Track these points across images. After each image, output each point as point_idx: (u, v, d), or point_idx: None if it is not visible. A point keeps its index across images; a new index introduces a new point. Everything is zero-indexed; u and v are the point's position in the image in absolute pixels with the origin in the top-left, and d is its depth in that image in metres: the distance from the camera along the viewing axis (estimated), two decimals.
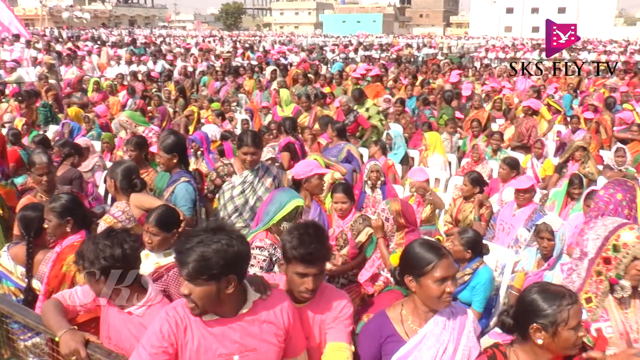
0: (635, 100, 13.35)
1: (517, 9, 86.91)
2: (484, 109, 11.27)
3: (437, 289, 2.63)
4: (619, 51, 33.30)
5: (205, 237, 2.39)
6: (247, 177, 5.17)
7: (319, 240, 2.76)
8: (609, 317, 2.89)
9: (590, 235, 2.95)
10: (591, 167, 7.58)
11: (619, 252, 2.84)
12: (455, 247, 4.61)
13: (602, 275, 2.89)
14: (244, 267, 2.52)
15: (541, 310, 2.38)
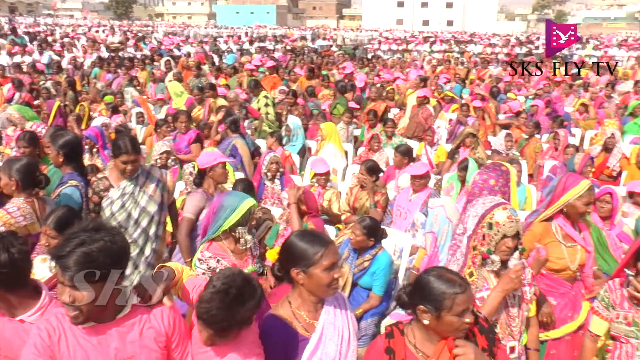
0: (516, 89, 14.14)
1: (408, 3, 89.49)
2: (381, 101, 11.54)
3: (327, 276, 2.63)
4: (502, 44, 35.06)
5: (86, 237, 2.23)
6: (125, 188, 4.60)
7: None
8: (489, 287, 3.11)
9: (471, 213, 3.15)
10: (481, 153, 7.95)
11: (492, 229, 3.04)
12: (357, 236, 4.69)
13: (476, 250, 3.10)
14: (126, 266, 2.40)
15: (429, 294, 2.47)
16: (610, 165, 7.82)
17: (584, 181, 3.99)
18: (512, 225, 3.04)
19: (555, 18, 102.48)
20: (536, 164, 8.59)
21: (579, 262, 4.01)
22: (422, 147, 8.78)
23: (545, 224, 4.10)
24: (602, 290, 3.52)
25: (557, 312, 4.03)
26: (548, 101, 11.90)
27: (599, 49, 31.21)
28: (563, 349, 4.03)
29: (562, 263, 4.00)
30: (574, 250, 4.00)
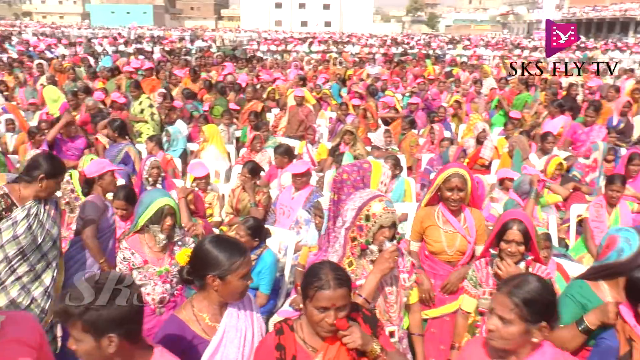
0: (394, 87, 14.61)
1: (286, 5, 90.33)
2: (260, 100, 11.51)
3: (242, 284, 2.66)
4: (379, 44, 36.21)
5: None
6: (31, 208, 3.98)
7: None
8: (366, 274, 3.20)
9: (349, 206, 3.22)
10: (360, 149, 8.14)
11: (369, 221, 3.13)
12: (242, 237, 4.66)
13: (356, 241, 3.18)
14: None
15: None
16: (483, 155, 8.27)
17: (450, 168, 4.20)
18: (388, 216, 3.12)
19: (429, 20, 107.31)
20: (414, 157, 8.93)
21: (458, 249, 4.21)
22: (303, 146, 8.86)
23: (428, 209, 4.34)
24: (470, 270, 3.76)
25: (437, 292, 4.25)
26: (426, 98, 12.44)
27: (468, 49, 33.01)
28: (443, 328, 4.21)
29: (438, 246, 4.23)
30: (452, 237, 4.20)
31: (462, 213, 4.26)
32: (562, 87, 13.50)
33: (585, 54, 30.29)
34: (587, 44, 39.25)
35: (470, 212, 4.29)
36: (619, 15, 63.08)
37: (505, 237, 3.58)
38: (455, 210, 4.22)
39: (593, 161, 7.59)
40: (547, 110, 10.29)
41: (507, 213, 3.85)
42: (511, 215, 3.69)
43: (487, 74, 16.02)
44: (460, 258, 4.26)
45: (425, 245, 4.35)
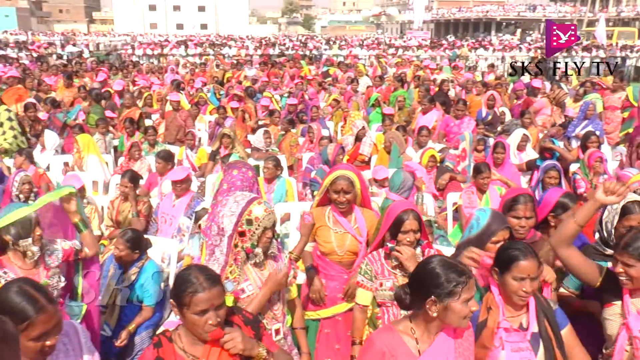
0: (272, 88, 14.66)
1: (160, 7, 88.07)
2: (136, 107, 11.16)
3: (34, 346, 2.41)
4: (256, 46, 36.21)
5: None
6: None
7: None
8: (248, 278, 3.22)
9: (225, 212, 3.18)
10: (240, 151, 8.10)
11: (252, 225, 3.14)
12: (122, 251, 4.50)
13: (238, 247, 3.17)
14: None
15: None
16: (363, 152, 8.48)
17: (336, 171, 4.27)
18: (270, 217, 3.17)
19: (304, 21, 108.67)
20: (294, 157, 9.01)
21: (348, 249, 4.27)
22: (182, 151, 8.68)
23: (319, 210, 4.38)
24: (363, 264, 3.79)
25: (328, 292, 4.29)
26: (302, 97, 12.59)
27: (344, 49, 33.77)
28: (337, 328, 4.28)
29: (329, 247, 4.27)
30: (342, 237, 4.26)
31: (353, 213, 4.32)
32: (435, 83, 14.16)
33: (454, 52, 31.90)
34: (455, 42, 41.40)
35: (361, 212, 4.35)
36: (482, 16, 67.30)
37: (402, 229, 3.67)
38: (345, 211, 4.28)
39: (462, 151, 8.03)
40: (421, 105, 10.75)
41: (396, 205, 3.89)
42: (402, 207, 3.78)
43: (362, 73, 16.47)
44: (351, 258, 4.31)
45: (317, 246, 4.38)
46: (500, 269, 2.91)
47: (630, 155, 7.38)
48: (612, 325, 3.06)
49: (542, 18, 68.76)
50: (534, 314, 2.93)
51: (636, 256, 2.90)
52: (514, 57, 32.82)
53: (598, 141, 7.56)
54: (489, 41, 43.39)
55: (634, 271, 2.92)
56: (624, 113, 10.91)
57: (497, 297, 2.95)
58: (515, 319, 2.93)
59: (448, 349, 2.62)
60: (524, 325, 2.93)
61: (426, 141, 8.14)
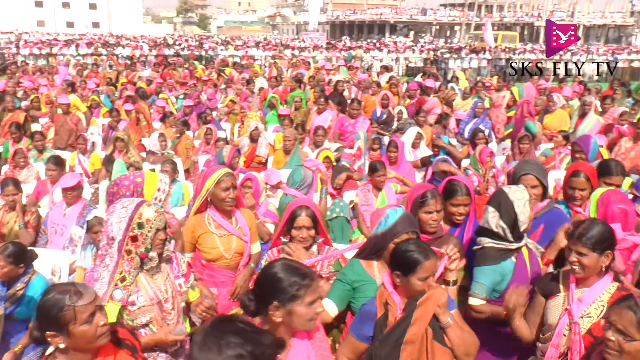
0: (168, 89, 14.36)
1: (48, 3, 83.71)
2: (20, 110, 10.56)
3: None
4: (150, 46, 35.26)
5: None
6: None
7: None
8: (139, 288, 3.12)
9: (113, 219, 3.08)
10: (135, 156, 7.88)
11: (144, 228, 3.05)
12: (3, 267, 4.20)
13: (132, 253, 3.06)
14: None
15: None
16: (259, 153, 8.47)
17: (220, 169, 4.20)
18: (161, 218, 3.12)
19: (200, 21, 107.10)
20: (190, 159, 8.87)
21: (235, 251, 4.23)
22: (74, 157, 8.32)
23: (198, 216, 4.25)
24: (263, 261, 3.80)
25: (220, 300, 4.19)
26: (197, 97, 12.43)
27: (241, 49, 33.58)
28: None
29: (215, 252, 4.19)
30: (228, 240, 4.20)
31: (233, 215, 4.29)
32: (329, 84, 14.37)
33: (349, 53, 32.51)
34: (351, 44, 42.16)
35: (240, 212, 4.34)
36: (376, 18, 69.04)
37: (295, 224, 3.68)
38: (227, 213, 4.24)
39: (357, 150, 8.20)
40: (316, 105, 10.87)
41: (293, 202, 3.92)
42: (298, 203, 3.80)
43: (257, 74, 16.46)
44: (238, 260, 4.28)
45: (201, 255, 4.27)
46: (404, 272, 2.91)
47: (513, 149, 7.85)
48: (553, 314, 3.14)
49: (433, 21, 71.91)
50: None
51: (589, 245, 3.00)
52: (408, 58, 34.04)
53: (485, 137, 7.98)
54: (384, 43, 44.51)
55: (587, 260, 3.02)
56: (510, 112, 11.55)
57: (392, 293, 2.96)
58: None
59: (308, 351, 2.62)
60: None
61: (322, 141, 8.25)
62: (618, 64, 33.60)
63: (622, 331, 2.49)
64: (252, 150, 8.44)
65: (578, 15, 66.40)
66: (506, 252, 3.49)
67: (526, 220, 3.51)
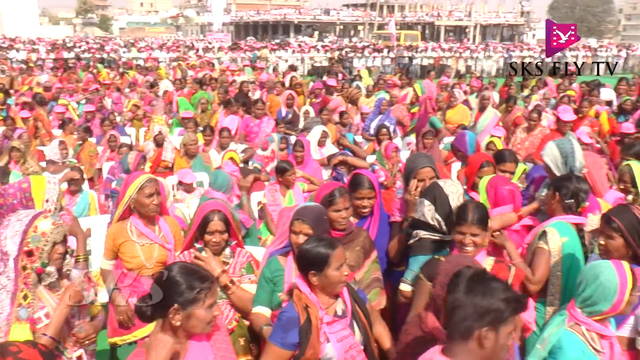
0: (68, 95, 13.87)
1: None
2: None
3: None
4: (48, 49, 33.78)
5: None
6: None
7: None
8: (44, 305, 3.00)
9: (7, 234, 2.94)
10: (34, 166, 7.57)
11: (40, 242, 2.93)
12: None
13: (27, 269, 2.94)
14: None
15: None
16: (165, 158, 8.33)
17: (142, 175, 4.13)
18: (59, 230, 3.01)
19: (101, 22, 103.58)
20: (94, 167, 8.62)
21: (157, 260, 4.16)
22: None
23: (120, 224, 4.17)
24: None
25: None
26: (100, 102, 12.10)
27: (144, 51, 32.80)
28: None
29: (137, 262, 4.11)
30: (150, 248, 4.13)
31: (157, 223, 4.23)
32: (232, 85, 14.34)
33: (254, 53, 32.47)
34: (255, 44, 42.05)
35: (164, 220, 4.28)
36: (280, 19, 69.23)
37: (208, 229, 3.67)
38: (150, 220, 4.17)
39: (271, 152, 8.23)
40: (222, 107, 10.84)
41: (204, 205, 3.90)
42: (209, 207, 3.78)
43: (162, 77, 16.20)
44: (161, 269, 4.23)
45: (123, 263, 4.18)
46: (318, 269, 2.94)
47: (418, 144, 8.16)
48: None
49: (336, 21, 72.90)
50: (349, 298, 3.07)
51: (482, 226, 3.25)
52: (313, 58, 34.41)
53: (389, 133, 8.24)
54: (288, 43, 44.74)
55: (479, 239, 3.25)
56: (413, 108, 11.92)
57: (309, 295, 2.98)
58: (331, 308, 3.02)
59: (206, 353, 2.63)
60: (339, 312, 3.03)
61: (227, 143, 8.24)
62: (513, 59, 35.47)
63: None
64: (158, 156, 8.30)
65: (475, 15, 69.33)
66: (442, 243, 3.65)
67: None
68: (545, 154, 4.53)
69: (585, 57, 38.50)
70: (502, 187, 4.18)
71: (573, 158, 4.38)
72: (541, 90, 12.76)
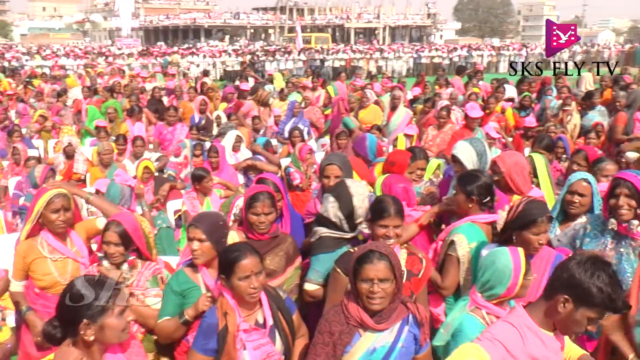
0: None
1: None
2: None
3: None
4: None
5: None
6: None
7: None
8: None
9: None
10: None
11: None
12: None
13: None
14: None
15: None
16: (77, 170, 8.09)
17: (52, 190, 3.97)
18: None
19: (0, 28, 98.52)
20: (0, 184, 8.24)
21: (72, 275, 3.95)
22: None
23: (29, 241, 3.98)
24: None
25: None
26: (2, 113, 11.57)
27: (50, 59, 31.52)
28: None
29: (49, 279, 3.93)
30: (63, 264, 3.97)
31: (68, 236, 4.07)
32: (144, 92, 14.10)
33: (165, 59, 31.88)
34: (166, 50, 41.30)
35: (75, 232, 4.12)
36: (190, 23, 68.33)
37: (103, 239, 3.63)
38: (61, 235, 4.02)
39: (184, 158, 8.18)
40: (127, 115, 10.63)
41: (112, 216, 3.82)
42: (113, 218, 3.74)
43: (71, 85, 15.71)
44: None
45: (34, 282, 3.98)
46: (226, 274, 2.98)
47: (332, 144, 8.33)
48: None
49: (247, 25, 72.83)
50: (268, 308, 3.08)
51: (401, 217, 3.40)
52: (225, 63, 34.21)
53: (301, 135, 8.39)
54: (200, 47, 44.25)
55: (400, 230, 3.40)
56: (326, 110, 12.10)
57: (230, 300, 3.00)
58: (252, 316, 3.04)
59: None
60: (260, 321, 3.05)
61: (141, 151, 8.11)
62: (422, 59, 36.63)
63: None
64: (69, 168, 8.06)
65: (383, 17, 71.02)
66: (341, 240, 3.73)
67: (363, 214, 3.75)
68: (459, 153, 4.53)
69: (490, 56, 40.37)
70: (396, 185, 4.32)
71: (486, 157, 4.53)
72: (448, 89, 13.20)
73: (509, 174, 4.46)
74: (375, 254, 2.80)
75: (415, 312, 2.91)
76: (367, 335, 2.83)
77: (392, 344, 2.84)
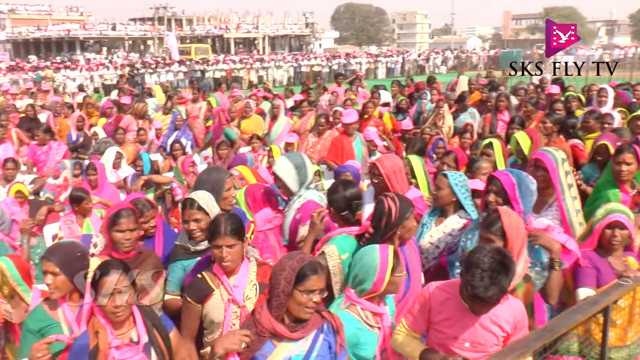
0: None
1: None
2: None
3: None
4: None
5: None
6: None
7: None
8: None
9: None
10: None
11: None
12: None
13: None
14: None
15: None
16: None
17: None
18: None
19: None
20: None
21: None
22: None
23: None
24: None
25: None
26: None
27: None
28: None
29: None
30: None
31: None
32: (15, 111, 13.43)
33: (38, 74, 30.38)
34: (39, 63, 39.28)
35: None
36: (64, 35, 65.04)
37: None
38: None
39: (64, 180, 7.78)
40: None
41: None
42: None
43: None
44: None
45: None
46: (94, 291, 2.92)
47: (214, 155, 8.41)
48: (217, 311, 3.36)
49: (124, 36, 70.60)
50: (142, 325, 3.02)
51: (236, 236, 3.30)
52: (103, 76, 33.10)
53: (182, 148, 8.47)
54: (76, 61, 42.49)
55: (238, 249, 3.33)
56: (208, 122, 12.04)
57: (101, 319, 2.93)
58: (126, 335, 2.98)
59: None
60: (135, 338, 2.99)
61: (13, 174, 7.64)
62: (302, 68, 37.26)
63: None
64: None
65: (262, 27, 71.46)
66: (192, 252, 3.80)
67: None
68: (277, 170, 4.61)
69: (368, 62, 41.86)
70: (259, 192, 4.54)
71: (305, 169, 4.62)
72: (325, 96, 13.44)
73: (387, 176, 4.64)
74: (318, 265, 2.93)
75: (331, 319, 3.00)
76: (282, 345, 2.88)
77: (307, 353, 2.89)
